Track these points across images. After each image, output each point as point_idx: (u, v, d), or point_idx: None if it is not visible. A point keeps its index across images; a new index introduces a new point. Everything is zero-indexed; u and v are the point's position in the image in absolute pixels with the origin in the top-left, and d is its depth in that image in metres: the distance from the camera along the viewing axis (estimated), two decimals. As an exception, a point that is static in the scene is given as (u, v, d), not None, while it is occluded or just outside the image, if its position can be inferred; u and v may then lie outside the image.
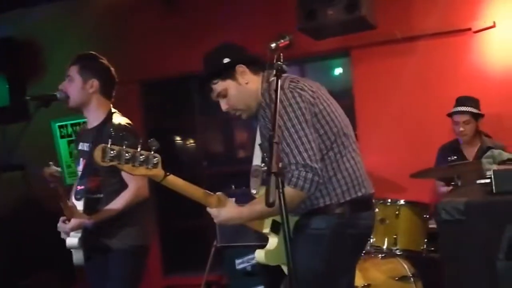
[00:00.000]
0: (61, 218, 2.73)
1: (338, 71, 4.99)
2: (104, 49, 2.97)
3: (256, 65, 2.17)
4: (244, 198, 3.93)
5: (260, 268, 3.95)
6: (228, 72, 2.14)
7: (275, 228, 2.16)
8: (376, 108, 4.37)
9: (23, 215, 4.47)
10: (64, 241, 2.78)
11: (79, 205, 2.73)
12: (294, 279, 1.71)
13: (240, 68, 2.14)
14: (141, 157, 1.89)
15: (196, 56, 5.21)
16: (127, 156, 1.89)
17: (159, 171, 1.93)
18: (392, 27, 4.20)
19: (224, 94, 2.15)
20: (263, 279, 3.91)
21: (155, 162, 1.91)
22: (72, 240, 2.69)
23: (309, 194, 1.99)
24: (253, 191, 2.25)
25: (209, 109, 5.24)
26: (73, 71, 2.78)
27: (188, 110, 5.22)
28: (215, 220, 2.13)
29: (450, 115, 3.81)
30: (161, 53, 4.87)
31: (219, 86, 2.15)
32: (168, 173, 1.96)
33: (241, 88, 2.14)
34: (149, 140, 1.93)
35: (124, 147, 1.92)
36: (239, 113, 2.19)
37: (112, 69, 2.88)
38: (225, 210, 2.10)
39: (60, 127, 4.94)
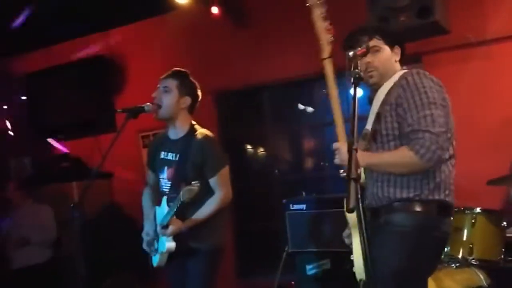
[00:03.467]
0: (158, 224, 2.91)
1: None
2: (181, 63, 3.13)
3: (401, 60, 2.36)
4: (313, 204, 4.03)
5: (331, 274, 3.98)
6: (390, 41, 2.31)
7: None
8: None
9: (107, 220, 4.74)
10: (140, 244, 2.99)
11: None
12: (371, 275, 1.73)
13: (397, 49, 2.33)
14: None
15: (265, 68, 5.37)
16: None
17: None
18: (465, 31, 4.10)
19: (377, 50, 2.27)
20: (334, 285, 3.93)
21: None
22: (172, 244, 2.86)
23: (427, 165, 2.06)
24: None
25: (279, 119, 5.37)
26: (172, 84, 2.97)
27: (259, 120, 5.35)
28: (337, 157, 2.21)
29: None
30: (233, 66, 5.04)
31: (377, 42, 2.28)
32: None
33: (390, 59, 2.31)
34: None
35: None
36: (373, 74, 2.28)
37: (199, 88, 3.08)
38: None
39: (143, 137, 5.21)
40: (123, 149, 3.20)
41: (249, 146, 5.68)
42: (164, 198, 2.96)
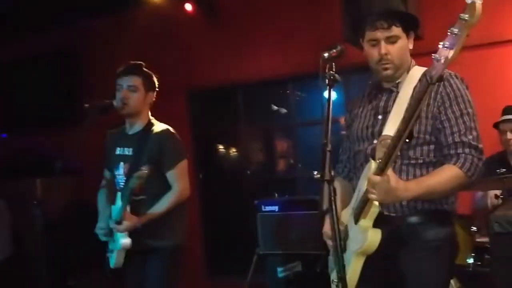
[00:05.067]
0: (112, 220, 2.84)
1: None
2: (152, 60, 3.08)
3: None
4: (286, 206, 4.01)
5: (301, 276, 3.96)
6: (409, 29, 2.10)
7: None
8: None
9: (72, 218, 4.63)
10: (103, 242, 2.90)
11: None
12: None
13: (411, 35, 2.13)
14: None
15: (239, 68, 5.33)
16: None
17: None
18: (438, 37, 4.14)
19: (394, 41, 2.06)
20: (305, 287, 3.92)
21: None
22: (127, 240, 2.79)
23: (471, 180, 1.94)
24: (379, 160, 1.98)
25: (252, 119, 5.35)
26: (137, 82, 2.93)
27: (232, 119, 5.31)
28: (372, 192, 1.84)
29: (496, 124, 3.73)
30: (206, 64, 4.99)
31: (397, 31, 2.06)
32: None
33: (407, 48, 2.11)
34: None
35: None
36: (389, 66, 2.08)
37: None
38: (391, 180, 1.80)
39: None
40: (91, 145, 3.12)
41: (221, 146, 5.63)
42: (118, 194, 2.89)
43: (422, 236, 1.99)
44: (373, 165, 1.94)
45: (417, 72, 2.09)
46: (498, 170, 3.74)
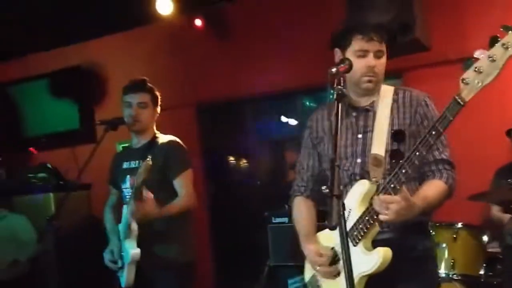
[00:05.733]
0: (121, 231, 2.85)
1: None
2: (163, 74, 3.13)
3: None
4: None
5: None
6: (389, 46, 2.16)
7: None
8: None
9: (85, 233, 4.64)
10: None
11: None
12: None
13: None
14: None
15: (248, 82, 5.36)
16: None
17: None
18: (446, 48, 4.16)
19: (381, 56, 2.12)
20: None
21: None
22: (136, 251, 2.80)
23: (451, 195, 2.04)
24: (374, 179, 2.02)
25: (261, 131, 5.37)
26: (146, 99, 2.98)
27: (242, 132, 5.34)
28: (384, 213, 1.85)
29: (509, 132, 3.71)
30: (215, 77, 5.03)
31: (384, 48, 2.13)
32: None
33: (384, 64, 2.16)
34: None
35: None
36: (374, 79, 2.12)
37: None
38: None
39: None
40: (102, 160, 3.17)
41: (231, 158, 5.66)
42: (125, 207, 2.92)
43: (410, 248, 2.03)
44: (367, 184, 1.96)
45: (386, 91, 2.15)
46: (510, 180, 3.74)
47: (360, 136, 2.13)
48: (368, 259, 1.94)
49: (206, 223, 5.19)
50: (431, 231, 2.15)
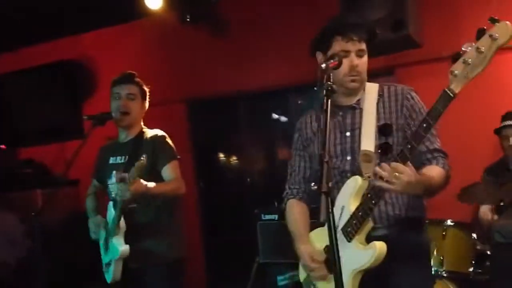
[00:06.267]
0: (109, 226, 2.82)
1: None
2: (153, 70, 3.10)
3: None
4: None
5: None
6: (371, 44, 2.17)
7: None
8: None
9: (74, 228, 4.61)
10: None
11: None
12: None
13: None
14: None
15: (240, 78, 5.33)
16: None
17: None
18: (438, 45, 4.16)
19: (362, 55, 2.13)
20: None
21: None
22: (125, 247, 2.78)
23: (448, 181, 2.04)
24: (366, 175, 2.03)
25: (253, 128, 5.35)
26: (135, 90, 2.96)
27: (232, 129, 5.31)
28: (392, 182, 1.80)
29: (497, 130, 3.72)
30: (207, 73, 5.00)
31: (364, 46, 2.13)
32: None
33: (366, 63, 2.17)
34: None
35: None
36: (357, 78, 2.13)
37: None
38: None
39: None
40: (90, 156, 3.14)
41: (221, 155, 5.64)
42: (110, 203, 2.90)
43: (406, 243, 2.03)
44: (360, 180, 1.98)
45: (371, 88, 2.16)
46: (499, 178, 3.75)
47: (348, 134, 2.15)
48: (362, 254, 1.94)
49: (196, 220, 5.17)
50: (425, 227, 2.13)
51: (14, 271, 4.45)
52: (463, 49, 1.65)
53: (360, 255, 1.94)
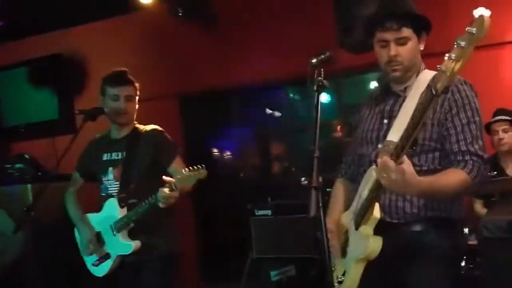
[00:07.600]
0: (113, 226, 2.83)
1: (373, 84, 4.99)
2: (145, 65, 3.09)
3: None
4: (278, 210, 4.00)
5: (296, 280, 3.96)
6: (419, 30, 2.08)
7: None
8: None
9: (66, 223, 4.60)
10: None
11: (123, 212, 2.84)
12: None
13: (424, 36, 2.10)
14: None
15: (233, 72, 5.31)
16: None
17: None
18: (430, 41, 4.15)
19: (404, 42, 2.04)
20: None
21: None
22: (136, 243, 2.82)
23: (475, 188, 1.92)
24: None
25: (246, 123, 5.34)
26: (133, 91, 2.97)
27: (225, 123, 5.30)
28: (383, 177, 1.75)
29: (488, 125, 3.74)
30: (200, 68, 4.98)
31: (407, 33, 2.04)
32: None
33: (417, 50, 2.09)
34: None
35: None
36: (398, 67, 2.06)
37: None
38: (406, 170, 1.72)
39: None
40: (81, 151, 3.13)
41: (215, 150, 5.63)
42: (112, 200, 2.90)
43: (425, 244, 1.96)
44: (374, 172, 1.91)
45: (426, 75, 2.03)
46: (489, 173, 3.77)
47: (386, 121, 2.09)
48: (360, 245, 1.95)
49: (190, 216, 5.16)
50: (457, 230, 2.02)
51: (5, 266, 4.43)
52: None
53: (360, 244, 1.95)
